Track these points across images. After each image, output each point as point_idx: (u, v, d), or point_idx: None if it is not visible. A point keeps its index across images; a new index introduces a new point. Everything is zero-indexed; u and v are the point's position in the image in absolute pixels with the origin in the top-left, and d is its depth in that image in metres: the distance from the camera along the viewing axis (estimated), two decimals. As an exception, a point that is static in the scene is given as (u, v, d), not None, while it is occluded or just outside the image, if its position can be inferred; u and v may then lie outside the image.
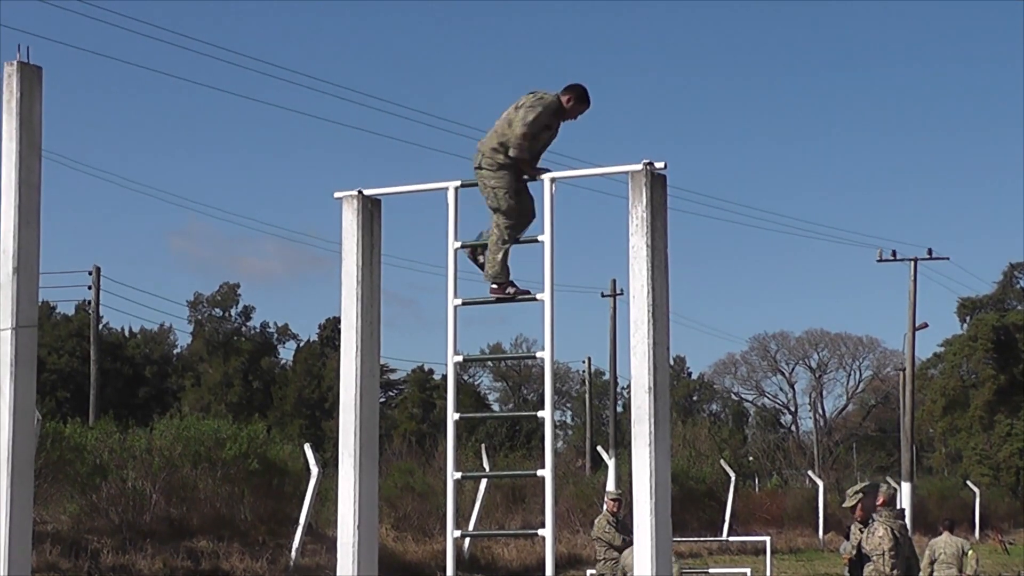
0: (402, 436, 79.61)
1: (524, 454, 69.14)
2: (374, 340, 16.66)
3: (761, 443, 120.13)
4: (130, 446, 36.63)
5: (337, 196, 16.61)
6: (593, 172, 16.61)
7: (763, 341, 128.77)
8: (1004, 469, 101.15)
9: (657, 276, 15.38)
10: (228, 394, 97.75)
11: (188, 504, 36.43)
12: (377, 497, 16.98)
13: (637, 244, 15.39)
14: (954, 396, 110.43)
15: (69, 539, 32.79)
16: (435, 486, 40.26)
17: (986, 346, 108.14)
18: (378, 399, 17.18)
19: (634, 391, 15.50)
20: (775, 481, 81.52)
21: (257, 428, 41.57)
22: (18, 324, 19.54)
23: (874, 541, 16.73)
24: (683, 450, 74.05)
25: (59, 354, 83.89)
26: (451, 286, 16.07)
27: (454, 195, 16.03)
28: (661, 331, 15.41)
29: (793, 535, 57.35)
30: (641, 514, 15.38)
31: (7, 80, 19.58)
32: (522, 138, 15.03)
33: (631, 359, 15.46)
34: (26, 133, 19.62)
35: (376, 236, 16.64)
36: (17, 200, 19.46)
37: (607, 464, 43.72)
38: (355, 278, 16.48)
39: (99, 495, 34.54)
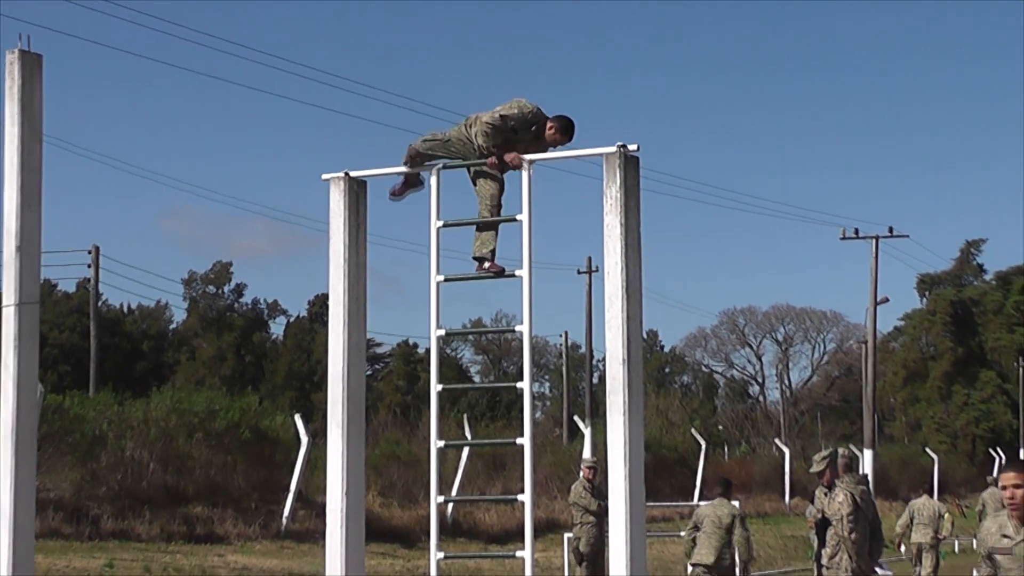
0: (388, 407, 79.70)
1: (504, 424, 69.19)
2: (360, 316, 16.68)
3: (730, 413, 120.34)
4: (128, 417, 36.65)
5: (324, 178, 16.62)
6: (569, 154, 16.60)
7: (732, 316, 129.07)
8: (961, 437, 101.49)
9: (630, 254, 15.40)
10: (221, 368, 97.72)
11: (184, 472, 36.45)
12: (364, 465, 17.02)
13: (611, 223, 15.41)
14: (914, 368, 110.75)
15: (71, 506, 32.80)
16: (419, 454, 40.28)
17: (944, 320, 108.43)
18: (364, 372, 17.21)
19: (609, 363, 15.53)
20: (743, 449, 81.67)
21: (249, 400, 41.62)
22: (21, 301, 19.54)
23: (834, 506, 16.81)
24: (656, 420, 74.15)
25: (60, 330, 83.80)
26: (434, 264, 16.09)
27: (437, 177, 16.04)
28: (634, 306, 15.44)
29: (761, 500, 57.48)
30: (616, 480, 15.42)
31: (8, 68, 19.55)
32: (486, 125, 15.03)
33: (606, 333, 15.49)
34: (27, 119, 19.60)
35: (362, 216, 16.65)
36: (19, 183, 19.45)
37: (583, 433, 43.77)
38: (342, 256, 16.49)
39: (99, 464, 34.57)
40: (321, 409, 17.07)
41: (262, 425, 39.50)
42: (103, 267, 63.31)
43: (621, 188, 15.37)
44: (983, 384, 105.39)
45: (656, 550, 37.49)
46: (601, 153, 15.55)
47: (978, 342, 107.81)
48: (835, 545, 16.64)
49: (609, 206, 15.44)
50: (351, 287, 16.55)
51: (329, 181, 16.62)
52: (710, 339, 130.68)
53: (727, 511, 21.63)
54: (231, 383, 78.33)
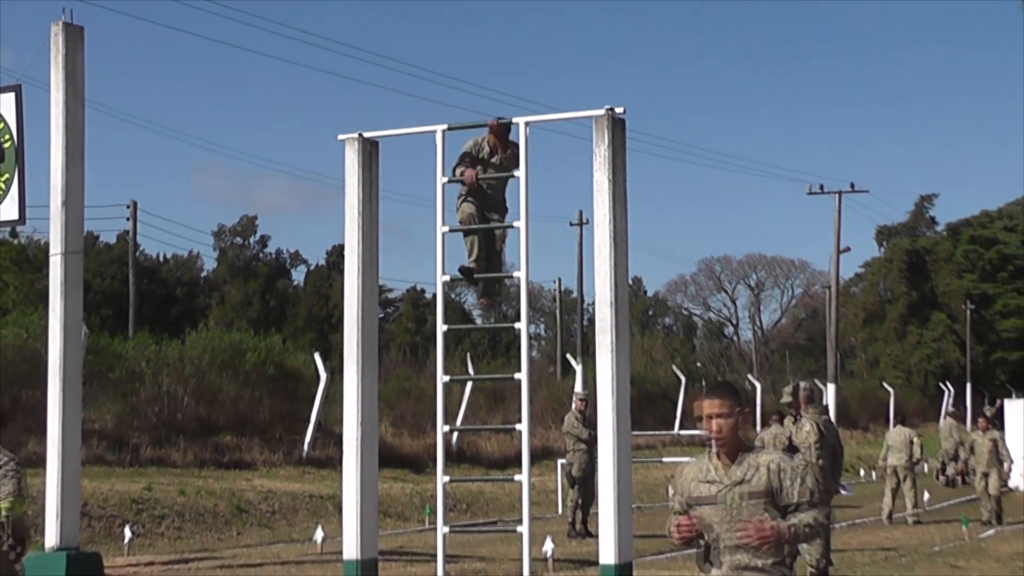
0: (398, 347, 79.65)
1: (503, 361, 69.25)
2: (373, 264, 16.68)
3: (707, 351, 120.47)
4: (164, 356, 36.69)
5: (340, 138, 16.60)
6: (562, 116, 16.61)
7: (709, 263, 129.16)
8: (915, 372, 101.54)
9: (617, 207, 15.39)
10: (248, 311, 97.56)
11: (214, 405, 36.50)
12: (377, 398, 17.05)
13: (600, 179, 15.41)
14: (872, 310, 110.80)
15: (113, 435, 32.84)
16: (427, 389, 40.30)
17: (900, 267, 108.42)
18: (377, 315, 17.23)
19: (598, 306, 15.56)
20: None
21: (273, 340, 41.60)
22: (66, 251, 19.51)
23: (801, 435, 16.83)
24: (640, 357, 74.15)
25: (102, 278, 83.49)
26: (439, 216, 16.08)
27: (441, 137, 16.03)
28: (621, 254, 15.44)
29: (735, 430, 57.49)
30: (604, 412, 15.45)
31: (53, 39, 19.50)
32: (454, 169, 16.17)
33: (595, 279, 15.51)
34: (70, 85, 19.56)
35: (375, 173, 16.62)
36: (63, 143, 19.41)
37: (575, 369, 43.86)
38: (356, 210, 16.48)
39: (138, 398, 34.61)
40: (338, 348, 17.07)
41: (285, 363, 39.57)
42: (140, 220, 63.15)
43: (609, 147, 15.36)
44: (934, 325, 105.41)
45: (640, 475, 37.54)
46: (591, 115, 15.55)
47: (930, 287, 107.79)
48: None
49: (598, 163, 15.43)
50: (364, 238, 16.54)
51: (344, 141, 16.61)
52: (689, 285, 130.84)
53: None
54: (257, 325, 78.11)
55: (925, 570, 19.50)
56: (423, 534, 25.92)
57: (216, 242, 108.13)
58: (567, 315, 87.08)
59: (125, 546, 22.62)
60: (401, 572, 18.54)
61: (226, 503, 28.64)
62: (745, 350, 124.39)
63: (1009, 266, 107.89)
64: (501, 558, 20.41)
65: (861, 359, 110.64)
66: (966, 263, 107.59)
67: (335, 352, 48.20)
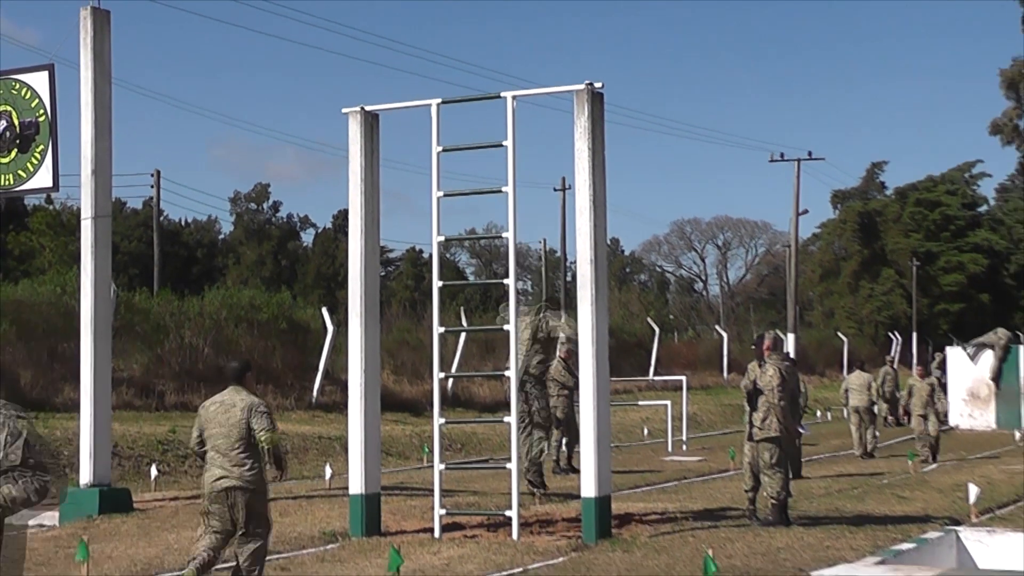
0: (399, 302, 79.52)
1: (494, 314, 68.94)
2: (375, 226, 16.67)
3: (679, 305, 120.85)
4: (186, 311, 36.69)
5: (344, 111, 16.57)
6: (546, 91, 16.58)
7: (680, 225, 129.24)
8: (866, 323, 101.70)
9: (597, 173, 15.39)
10: (262, 270, 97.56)
11: (232, 355, 36.48)
12: (379, 348, 17.08)
13: (581, 148, 15.40)
14: (828, 267, 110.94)
15: (140, 383, 32.86)
16: (424, 340, 40.24)
17: (853, 228, 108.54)
18: (379, 273, 17.23)
19: (579, 264, 15.57)
20: (690, 334, 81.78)
21: (285, 296, 41.63)
22: (96, 215, 19.49)
23: (765, 379, 16.85)
24: (618, 310, 74.34)
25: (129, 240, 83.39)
26: (434, 182, 16.08)
27: (436, 110, 16.03)
28: (600, 217, 15.45)
29: (704, 375, 57.58)
30: (585, 359, 15.49)
31: (83, 22, 19.44)
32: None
33: (577, 239, 15.52)
34: (98, 64, 19.50)
35: (376, 143, 16.61)
36: (93, 117, 19.37)
37: (559, 322, 43.73)
38: (359, 177, 16.46)
39: (163, 348, 34.61)
40: (344, 304, 17.08)
41: (295, 317, 39.60)
42: (164, 188, 63.16)
43: (589, 119, 15.36)
44: (884, 280, 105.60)
45: (618, 417, 37.60)
46: (572, 90, 15.54)
47: (880, 246, 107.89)
48: (765, 410, 16.67)
49: (579, 134, 15.43)
50: (367, 202, 16.53)
51: (348, 115, 16.58)
52: (663, 244, 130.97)
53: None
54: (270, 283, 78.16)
55: (875, 500, 19.58)
56: (421, 471, 25.97)
57: (232, 207, 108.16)
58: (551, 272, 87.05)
59: (152, 483, 22.67)
60: (401, 505, 18.59)
61: (243, 444, 28.67)
62: (713, 304, 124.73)
63: (951, 226, 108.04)
64: (492, 492, 20.46)
65: (818, 311, 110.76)
66: (912, 224, 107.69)
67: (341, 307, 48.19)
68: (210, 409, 12.23)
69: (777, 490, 16.52)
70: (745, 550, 14.13)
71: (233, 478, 11.63)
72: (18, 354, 30.72)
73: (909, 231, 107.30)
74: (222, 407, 12.18)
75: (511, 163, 15.51)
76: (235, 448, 11.75)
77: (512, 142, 15.56)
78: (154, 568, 13.59)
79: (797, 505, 18.00)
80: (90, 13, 19.36)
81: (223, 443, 11.82)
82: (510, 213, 15.56)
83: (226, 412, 12.08)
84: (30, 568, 13.83)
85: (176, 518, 17.89)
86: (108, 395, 19.72)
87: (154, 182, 62.19)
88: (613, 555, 13.94)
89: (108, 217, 19.65)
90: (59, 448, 24.80)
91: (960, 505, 18.41)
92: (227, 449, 11.77)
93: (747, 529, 15.90)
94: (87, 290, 19.30)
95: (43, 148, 19.88)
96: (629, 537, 15.23)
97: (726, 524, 16.41)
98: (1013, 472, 24.51)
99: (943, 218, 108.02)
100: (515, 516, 15.50)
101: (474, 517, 16.85)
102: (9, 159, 20.12)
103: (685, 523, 16.45)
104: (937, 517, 17.29)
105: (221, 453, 11.79)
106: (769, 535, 15.34)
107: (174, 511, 18.70)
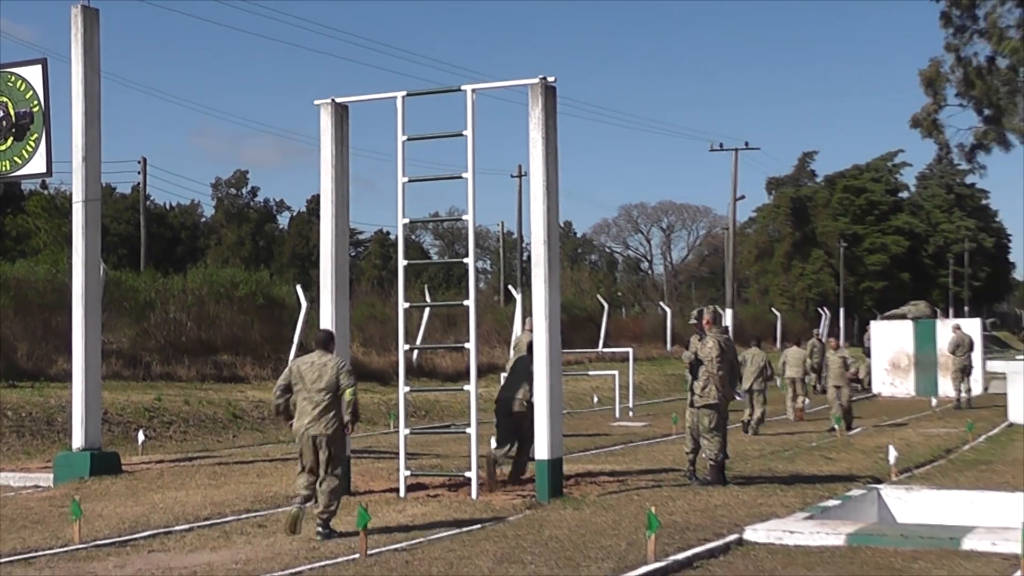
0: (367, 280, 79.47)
1: (456, 291, 69.20)
2: (345, 210, 16.65)
3: (626, 283, 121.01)
4: (171, 288, 36.54)
5: (316, 103, 16.53)
6: (503, 84, 16.56)
7: (628, 209, 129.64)
8: (798, 299, 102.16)
9: (550, 161, 15.40)
10: (241, 250, 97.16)
11: (213, 329, 36.37)
12: (349, 322, 17.07)
13: (535, 137, 15.40)
14: (763, 248, 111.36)
15: (128, 355, 32.73)
16: (391, 314, 40.18)
17: (786, 212, 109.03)
18: (348, 253, 17.20)
19: (534, 245, 15.60)
20: (636, 310, 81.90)
21: (262, 275, 41.50)
22: (87, 199, 19.38)
23: (705, 350, 16.89)
24: (570, 288, 74.31)
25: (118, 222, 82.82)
26: (400, 168, 16.05)
27: (401, 102, 16.00)
28: (553, 201, 15.46)
29: (649, 347, 57.72)
30: (539, 333, 15.51)
31: (73, 19, 19.31)
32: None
33: (532, 221, 15.53)
34: (88, 59, 19.37)
35: (345, 133, 16.58)
36: (83, 108, 19.24)
37: (516, 298, 43.82)
38: (330, 164, 16.43)
39: (149, 323, 34.47)
40: (317, 281, 17.05)
41: (272, 293, 39.46)
42: (150, 174, 62.76)
43: (543, 110, 15.36)
44: (814, 260, 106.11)
45: (570, 385, 37.75)
46: (527, 83, 15.53)
47: (811, 228, 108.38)
48: (705, 379, 16.72)
49: (533, 124, 15.42)
50: (337, 188, 16.50)
51: (320, 106, 16.54)
52: (612, 227, 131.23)
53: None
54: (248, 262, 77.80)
55: (804, 461, 19.71)
56: (388, 436, 25.96)
57: (214, 192, 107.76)
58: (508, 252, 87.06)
59: (139, 447, 22.60)
60: (370, 467, 18.59)
61: (223, 411, 28.62)
62: (658, 282, 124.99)
63: (875, 211, 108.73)
64: (454, 455, 20.49)
65: (754, 288, 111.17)
66: (840, 208, 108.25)
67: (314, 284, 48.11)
68: (302, 367, 13.04)
69: (715, 452, 16.60)
70: (685, 507, 14.21)
71: (319, 426, 12.70)
72: (15, 328, 30.58)
73: (837, 215, 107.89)
74: (314, 366, 12.96)
75: (471, 151, 15.50)
76: (324, 400, 12.74)
77: (472, 132, 15.55)
78: (141, 526, 13.56)
79: (733, 466, 18.09)
80: (80, 11, 19.23)
81: (315, 396, 12.78)
82: (470, 198, 15.55)
83: (318, 370, 12.88)
84: (27, 525, 13.79)
85: (161, 479, 17.84)
86: (98, 366, 19.64)
87: (141, 168, 61.87)
88: (564, 512, 13.99)
89: (98, 201, 19.54)
90: (53, 415, 24.71)
91: (881, 465, 18.55)
92: (318, 401, 12.73)
93: (687, 488, 15.98)
94: (79, 269, 19.21)
95: (37, 137, 19.76)
96: (579, 496, 15.28)
97: (668, 484, 16.48)
98: (929, 435, 24.72)
99: (868, 203, 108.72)
100: (474, 477, 15.53)
101: (436, 478, 16.86)
102: (5, 147, 20.00)
103: (631, 483, 16.52)
104: (860, 476, 17.42)
105: (312, 404, 12.76)
106: (707, 493, 15.42)
107: (159, 473, 18.65)
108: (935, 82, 46.14)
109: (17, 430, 23.72)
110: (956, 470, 18.82)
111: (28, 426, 24.03)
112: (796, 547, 11.92)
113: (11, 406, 24.75)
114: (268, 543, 12.41)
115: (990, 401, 34.50)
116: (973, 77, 45.01)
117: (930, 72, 46.21)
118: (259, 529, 13.36)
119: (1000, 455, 21.01)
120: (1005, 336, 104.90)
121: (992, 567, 10.77)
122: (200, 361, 34.47)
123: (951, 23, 45.04)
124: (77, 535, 12.63)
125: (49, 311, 30.91)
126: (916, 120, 47.08)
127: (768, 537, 12.21)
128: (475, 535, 12.60)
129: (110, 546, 12.34)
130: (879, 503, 15.65)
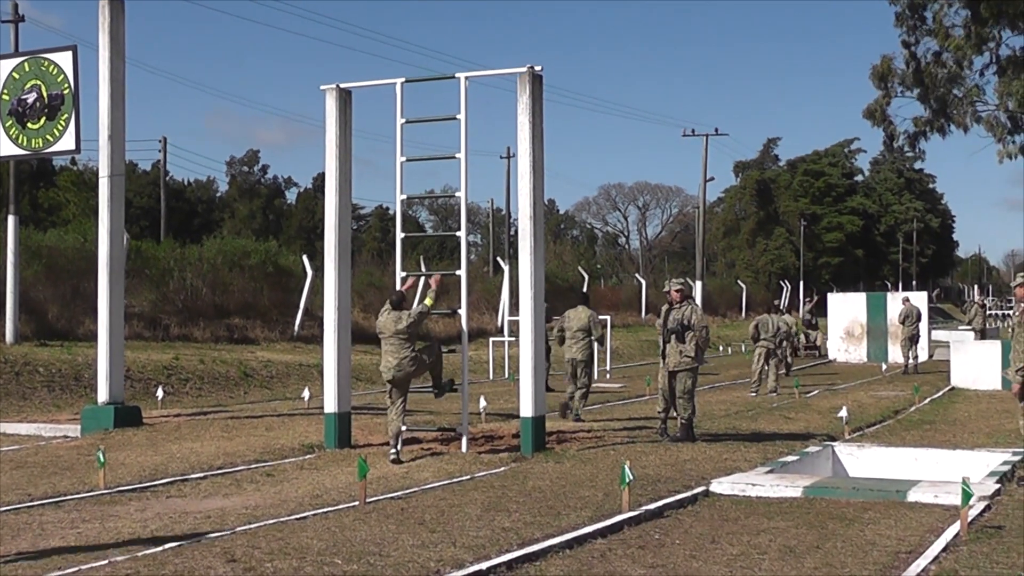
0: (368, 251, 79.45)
1: (449, 262, 69.15)
2: (348, 187, 16.61)
3: (605, 256, 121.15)
4: (188, 257, 36.48)
5: (322, 88, 16.47)
6: (494, 72, 16.52)
7: (607, 189, 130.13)
8: (761, 273, 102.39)
9: (536, 143, 15.37)
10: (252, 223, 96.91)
11: (227, 294, 36.33)
12: (350, 290, 17.05)
13: (523, 121, 15.36)
14: (730, 225, 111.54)
15: (149, 317, 32.69)
16: (389, 283, 40.18)
17: (751, 193, 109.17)
18: (351, 226, 17.17)
19: (521, 220, 15.56)
20: (614, 281, 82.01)
21: (271, 245, 41.41)
22: (112, 174, 19.30)
23: (697, 316, 16.65)
24: (553, 260, 74.32)
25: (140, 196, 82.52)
26: (398, 149, 16.02)
27: (400, 88, 15.95)
28: (538, 180, 15.43)
29: (625, 315, 57.79)
30: (524, 301, 15.51)
31: (101, 10, 19.21)
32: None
33: (519, 199, 15.51)
34: (114, 46, 19.28)
35: (349, 116, 16.51)
36: (109, 90, 19.16)
37: (504, 269, 43.82)
38: (335, 144, 16.38)
39: (168, 288, 34.42)
40: (322, 252, 17.03)
41: (280, 263, 39.43)
42: (170, 152, 62.82)
43: (530, 97, 15.32)
44: (776, 237, 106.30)
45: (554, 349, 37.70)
46: (516, 72, 15.48)
47: (774, 208, 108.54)
48: (693, 343, 16.62)
49: (521, 109, 15.38)
50: (341, 166, 16.46)
51: (325, 91, 16.47)
52: (592, 205, 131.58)
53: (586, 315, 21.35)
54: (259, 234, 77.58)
55: (766, 420, 19.74)
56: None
57: (228, 169, 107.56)
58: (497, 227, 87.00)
59: (159, 402, 22.60)
60: (368, 423, 18.60)
61: (235, 370, 28.59)
62: (634, 255, 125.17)
63: (833, 192, 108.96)
64: (445, 412, 20.51)
65: (721, 262, 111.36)
66: (800, 190, 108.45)
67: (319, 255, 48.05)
68: (383, 318, 15.04)
69: (691, 413, 16.60)
70: (657, 461, 14.24)
71: (394, 368, 14.91)
72: (47, 292, 30.58)
73: (798, 196, 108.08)
74: (392, 316, 14.96)
75: (463, 134, 15.46)
76: (400, 344, 14.89)
77: (464, 116, 15.51)
78: (160, 473, 13.56)
79: (701, 424, 18.12)
80: (107, 3, 19.13)
81: (393, 340, 14.90)
82: (462, 176, 15.52)
83: (395, 321, 14.89)
84: (57, 472, 13.79)
85: (179, 431, 17.83)
86: (121, 327, 19.61)
87: (161, 147, 61.81)
88: (547, 465, 14.01)
89: (122, 176, 19.48)
90: (81, 371, 24.69)
91: (835, 424, 18.60)
92: (396, 345, 14.88)
93: (659, 444, 16.00)
94: (104, 238, 19.16)
95: (67, 116, 19.68)
96: (560, 451, 15.30)
97: (642, 440, 16.50)
98: (879, 397, 24.79)
99: (826, 186, 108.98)
100: (464, 432, 15.56)
101: (429, 433, 16.89)
102: (39, 126, 19.93)
103: (607, 439, 16.54)
104: (817, 434, 17.45)
105: (391, 347, 14.88)
106: (677, 449, 15.45)
107: (177, 426, 18.64)
108: (885, 76, 46.39)
109: (48, 385, 23.71)
110: (903, 429, 18.87)
111: (58, 381, 24.02)
112: (758, 498, 11.95)
113: (42, 363, 24.74)
114: (276, 490, 12.42)
115: (935, 367, 34.58)
116: (922, 72, 45.26)
117: (882, 68, 46.46)
118: (267, 478, 13.37)
119: (943, 416, 21.08)
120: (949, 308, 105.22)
121: (934, 517, 10.81)
122: (214, 324, 34.44)
123: (904, 22, 45.27)
124: (102, 481, 12.63)
125: (77, 277, 30.87)
126: (869, 111, 47.39)
127: (732, 489, 12.24)
128: (465, 485, 12.62)
129: (132, 492, 12.35)
130: (833, 459, 15.70)
